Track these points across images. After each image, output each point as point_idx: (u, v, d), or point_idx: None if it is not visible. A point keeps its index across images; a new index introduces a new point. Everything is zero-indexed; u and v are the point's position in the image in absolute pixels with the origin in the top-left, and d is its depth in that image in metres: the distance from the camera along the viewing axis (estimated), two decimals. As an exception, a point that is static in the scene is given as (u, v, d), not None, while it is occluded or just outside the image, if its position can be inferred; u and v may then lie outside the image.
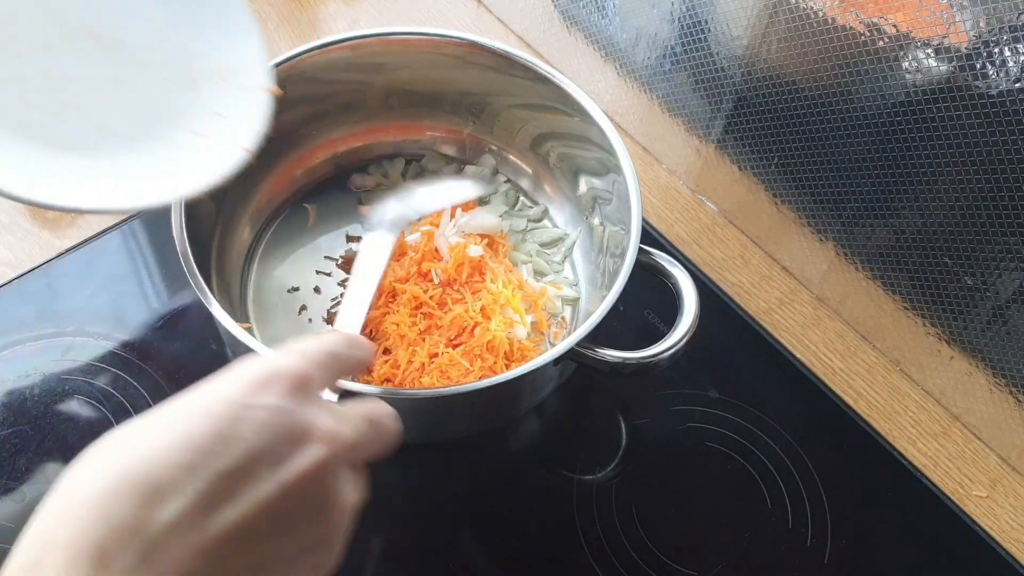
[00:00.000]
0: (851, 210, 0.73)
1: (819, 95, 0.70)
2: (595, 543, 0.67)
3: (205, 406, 0.35)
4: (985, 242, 0.66)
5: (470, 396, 0.59)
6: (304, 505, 0.36)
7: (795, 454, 0.72)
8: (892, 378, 0.77)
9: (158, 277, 0.76)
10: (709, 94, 0.79)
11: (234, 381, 0.37)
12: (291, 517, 0.35)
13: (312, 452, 0.36)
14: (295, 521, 0.35)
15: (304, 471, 0.36)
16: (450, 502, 0.69)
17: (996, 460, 0.74)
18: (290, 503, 0.35)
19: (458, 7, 0.96)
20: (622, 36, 0.83)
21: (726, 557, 0.67)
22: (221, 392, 0.36)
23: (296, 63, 0.71)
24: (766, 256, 0.83)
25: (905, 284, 0.73)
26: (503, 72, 0.75)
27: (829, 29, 0.66)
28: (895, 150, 0.67)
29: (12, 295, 0.74)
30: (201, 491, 0.33)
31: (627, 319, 0.74)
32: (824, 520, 0.69)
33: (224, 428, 0.34)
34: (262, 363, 0.38)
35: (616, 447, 0.72)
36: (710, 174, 0.84)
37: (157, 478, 0.33)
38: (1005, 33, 0.57)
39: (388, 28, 0.74)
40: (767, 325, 0.79)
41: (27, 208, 0.79)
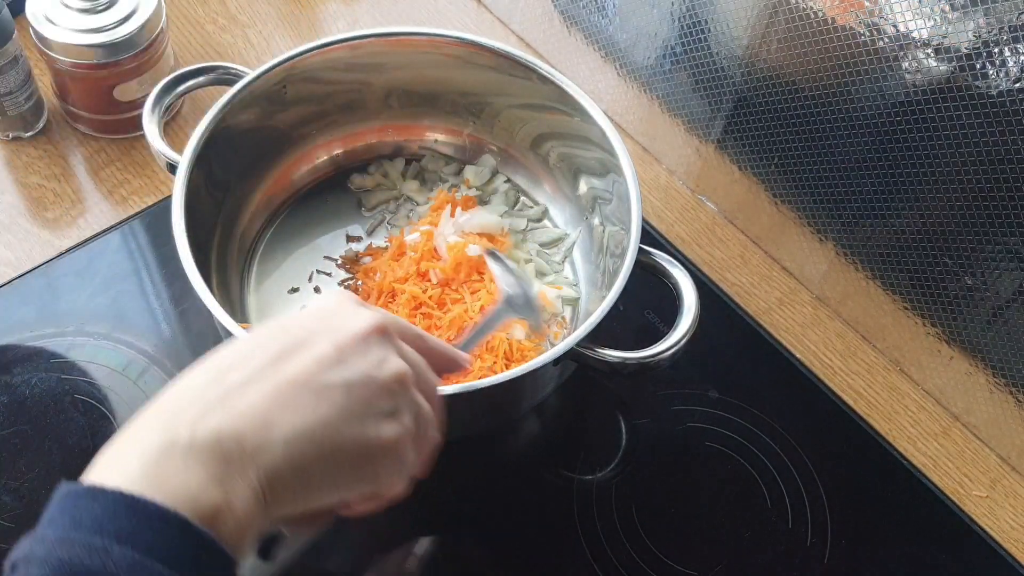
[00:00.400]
0: (851, 210, 0.73)
1: (819, 95, 0.70)
2: (595, 543, 0.67)
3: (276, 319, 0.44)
4: (985, 242, 0.66)
5: (470, 396, 0.59)
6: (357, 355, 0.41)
7: (795, 454, 0.72)
8: (892, 378, 0.78)
9: (158, 277, 0.76)
10: (709, 94, 0.79)
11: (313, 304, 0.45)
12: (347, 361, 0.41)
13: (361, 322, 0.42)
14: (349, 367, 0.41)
15: (353, 331, 0.42)
16: (450, 502, 0.69)
17: (996, 460, 0.74)
18: (343, 353, 0.41)
19: (458, 7, 0.96)
20: (622, 36, 0.83)
21: (726, 557, 0.67)
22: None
23: (296, 63, 0.71)
24: (766, 256, 0.83)
25: (905, 284, 0.73)
26: (503, 72, 0.75)
27: (829, 29, 0.66)
28: (895, 150, 0.67)
29: (12, 295, 0.74)
30: (268, 356, 0.40)
31: (627, 319, 0.74)
32: (824, 520, 0.69)
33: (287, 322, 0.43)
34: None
35: (616, 447, 0.72)
36: (710, 174, 0.84)
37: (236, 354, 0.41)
38: (1005, 33, 0.57)
39: (388, 28, 0.74)
40: (767, 325, 0.79)
41: (27, 208, 0.79)
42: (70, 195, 0.80)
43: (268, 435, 0.38)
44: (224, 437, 0.37)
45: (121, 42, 0.76)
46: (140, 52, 0.78)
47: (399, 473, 0.43)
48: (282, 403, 0.39)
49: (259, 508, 0.38)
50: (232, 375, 0.39)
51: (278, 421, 0.38)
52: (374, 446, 0.41)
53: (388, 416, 0.42)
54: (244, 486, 0.37)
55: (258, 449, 0.38)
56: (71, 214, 0.79)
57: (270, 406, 0.39)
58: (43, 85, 0.84)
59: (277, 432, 0.38)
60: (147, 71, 0.80)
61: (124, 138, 0.83)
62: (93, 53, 0.76)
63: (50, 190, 0.80)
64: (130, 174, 0.82)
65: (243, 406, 0.38)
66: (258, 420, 0.38)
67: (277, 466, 0.38)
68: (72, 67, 0.77)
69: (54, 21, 0.75)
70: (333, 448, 0.40)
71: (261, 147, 0.76)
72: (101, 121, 0.82)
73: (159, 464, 0.36)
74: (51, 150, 0.83)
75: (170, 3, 0.92)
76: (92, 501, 0.35)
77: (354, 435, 0.40)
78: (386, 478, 0.43)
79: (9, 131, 0.82)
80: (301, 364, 0.40)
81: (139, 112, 0.71)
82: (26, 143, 0.83)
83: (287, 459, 0.38)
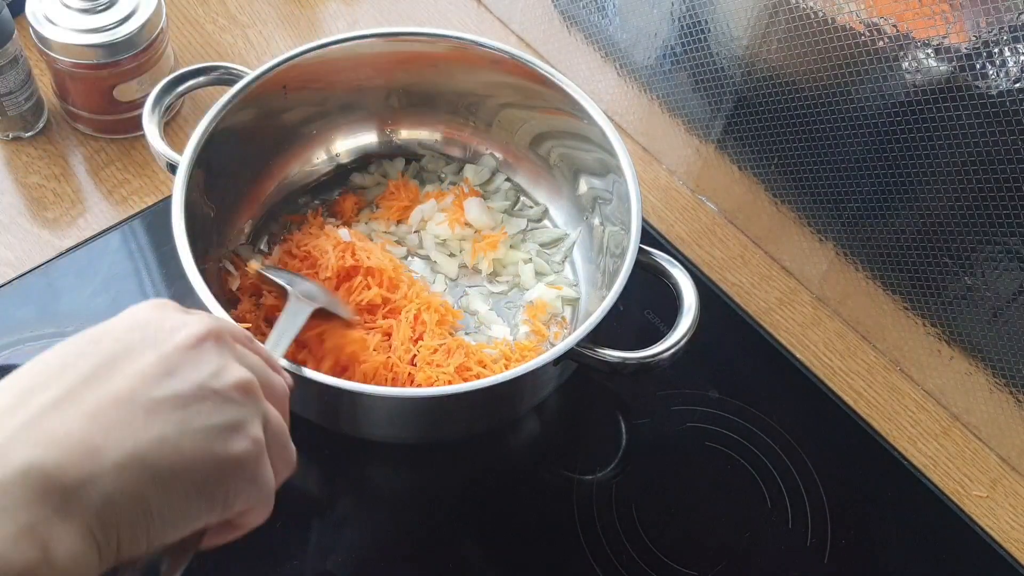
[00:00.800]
0: (851, 210, 0.73)
1: (819, 95, 0.70)
2: (595, 543, 0.67)
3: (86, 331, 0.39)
4: (985, 242, 0.66)
5: (470, 396, 0.59)
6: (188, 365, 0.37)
7: (795, 454, 0.72)
8: (892, 378, 0.78)
9: (158, 277, 0.76)
10: (709, 94, 0.79)
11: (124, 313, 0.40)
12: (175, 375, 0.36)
13: (189, 329, 0.38)
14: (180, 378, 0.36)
15: (181, 340, 0.37)
16: (450, 502, 0.69)
17: (996, 460, 0.74)
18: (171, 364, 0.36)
19: (458, 7, 0.96)
20: (622, 36, 0.83)
21: (726, 557, 0.67)
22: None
23: (296, 63, 0.71)
24: (766, 256, 0.83)
25: (905, 284, 0.73)
26: (503, 72, 0.75)
27: (829, 29, 0.66)
28: (895, 150, 0.67)
29: (12, 295, 0.74)
30: (79, 375, 0.35)
31: (627, 319, 0.74)
32: (824, 520, 0.69)
33: (98, 334, 0.37)
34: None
35: (616, 447, 0.72)
36: (710, 174, 0.84)
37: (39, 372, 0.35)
38: (1005, 33, 0.57)
39: (388, 28, 0.74)
40: (767, 325, 0.79)
41: (27, 208, 0.79)
42: (70, 195, 0.80)
43: (94, 463, 0.32)
44: (35, 473, 0.31)
45: (121, 42, 0.76)
46: (140, 52, 0.78)
47: (255, 494, 0.38)
48: (106, 425, 0.33)
49: (91, 554, 0.32)
50: (38, 397, 0.34)
51: (103, 446, 0.33)
52: (222, 464, 0.36)
53: (233, 429, 0.36)
54: (68, 530, 0.31)
55: (83, 482, 0.32)
56: (71, 214, 0.79)
57: (91, 429, 0.33)
58: (43, 85, 0.84)
59: (104, 459, 0.32)
60: (147, 71, 0.80)
61: (124, 138, 0.83)
62: (93, 53, 0.76)
63: (50, 190, 0.80)
64: (130, 174, 0.82)
65: (58, 432, 0.32)
66: (79, 447, 0.32)
67: (110, 499, 0.32)
68: (72, 67, 0.77)
69: (54, 21, 0.75)
70: (174, 471, 0.34)
71: (261, 147, 0.76)
72: (101, 121, 0.82)
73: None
74: (51, 150, 0.83)
75: (170, 3, 0.92)
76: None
77: (196, 454, 0.35)
78: (241, 500, 0.37)
79: (9, 131, 0.82)
80: (123, 379, 0.35)
81: (139, 112, 0.71)
82: (26, 143, 0.83)
83: (121, 489, 0.32)
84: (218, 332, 0.38)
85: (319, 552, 0.65)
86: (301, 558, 0.65)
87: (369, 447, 0.70)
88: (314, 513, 0.67)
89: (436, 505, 0.69)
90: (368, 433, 0.67)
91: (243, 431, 0.37)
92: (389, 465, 0.71)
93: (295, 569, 0.64)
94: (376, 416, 0.64)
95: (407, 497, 0.70)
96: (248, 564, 0.64)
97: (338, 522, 0.67)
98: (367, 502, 0.69)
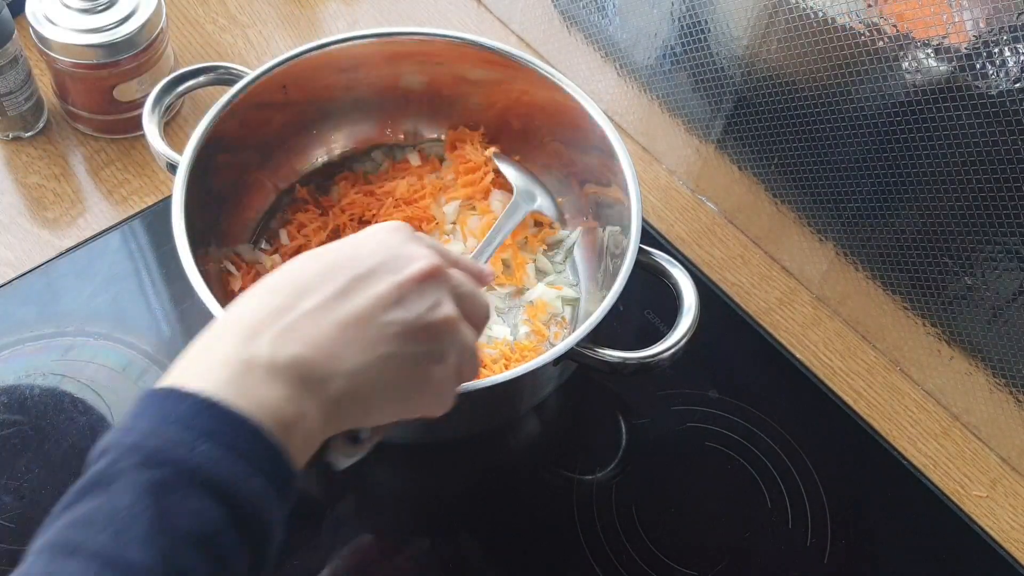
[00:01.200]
0: (851, 210, 0.73)
1: (819, 95, 0.70)
2: (595, 543, 0.67)
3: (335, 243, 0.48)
4: (985, 242, 0.66)
5: (470, 396, 0.59)
6: (414, 297, 0.45)
7: (795, 454, 0.72)
8: (892, 378, 0.78)
9: (158, 277, 0.76)
10: (709, 94, 0.79)
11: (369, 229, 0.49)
12: (405, 303, 0.45)
13: (419, 264, 0.46)
14: (406, 309, 0.45)
15: (411, 274, 0.45)
16: (450, 502, 0.69)
17: (996, 460, 0.74)
18: (402, 293, 0.45)
19: (458, 7, 0.96)
20: (622, 36, 0.83)
21: (726, 557, 0.67)
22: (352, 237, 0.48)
23: (296, 63, 0.71)
24: (766, 256, 0.83)
25: (905, 284, 0.73)
26: (503, 72, 0.75)
27: (829, 29, 0.66)
28: (895, 150, 0.67)
29: (12, 295, 0.74)
30: (337, 287, 0.44)
31: (627, 319, 0.74)
32: (824, 520, 0.69)
33: (351, 251, 0.46)
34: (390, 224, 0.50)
35: (616, 447, 0.72)
36: (710, 174, 0.84)
37: (305, 278, 0.44)
38: (1005, 33, 0.57)
39: (388, 28, 0.74)
40: (767, 325, 0.79)
41: (27, 208, 0.79)
42: (70, 195, 0.80)
43: (335, 367, 0.42)
44: (300, 363, 0.41)
45: (121, 42, 0.76)
46: (140, 52, 0.78)
47: (441, 404, 0.49)
48: (348, 338, 0.43)
49: (323, 426, 0.43)
50: (304, 302, 0.43)
51: (344, 355, 0.43)
52: (423, 385, 0.46)
53: (436, 358, 0.46)
54: (314, 407, 0.42)
55: (326, 378, 0.42)
56: (71, 214, 0.79)
57: (337, 339, 0.43)
58: (43, 85, 0.84)
59: (342, 366, 0.42)
60: (147, 71, 0.80)
61: (124, 138, 0.83)
62: (93, 53, 0.76)
63: (50, 190, 0.80)
64: (130, 174, 0.82)
65: (316, 336, 0.42)
66: (328, 352, 0.42)
67: (341, 394, 0.43)
68: (72, 67, 0.77)
69: (54, 21, 0.75)
70: (387, 383, 0.44)
71: (261, 147, 0.76)
72: (101, 121, 0.82)
73: (243, 377, 0.40)
74: (51, 150, 0.83)
75: (170, 3, 0.92)
76: (179, 401, 0.39)
77: (407, 374, 0.45)
78: (429, 408, 0.48)
79: (9, 131, 0.82)
80: (365, 301, 0.44)
81: (139, 112, 0.71)
82: (26, 143, 0.83)
83: (349, 390, 0.43)
84: (440, 268, 0.47)
85: (319, 552, 0.65)
86: (301, 558, 0.65)
87: (369, 447, 0.70)
88: (314, 513, 0.67)
89: (436, 505, 0.69)
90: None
91: (443, 360, 0.46)
92: (389, 465, 0.71)
93: (295, 569, 0.64)
94: (376, 416, 0.64)
95: (407, 497, 0.70)
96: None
97: (338, 522, 0.67)
98: (367, 502, 0.69)
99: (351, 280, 0.45)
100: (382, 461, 0.71)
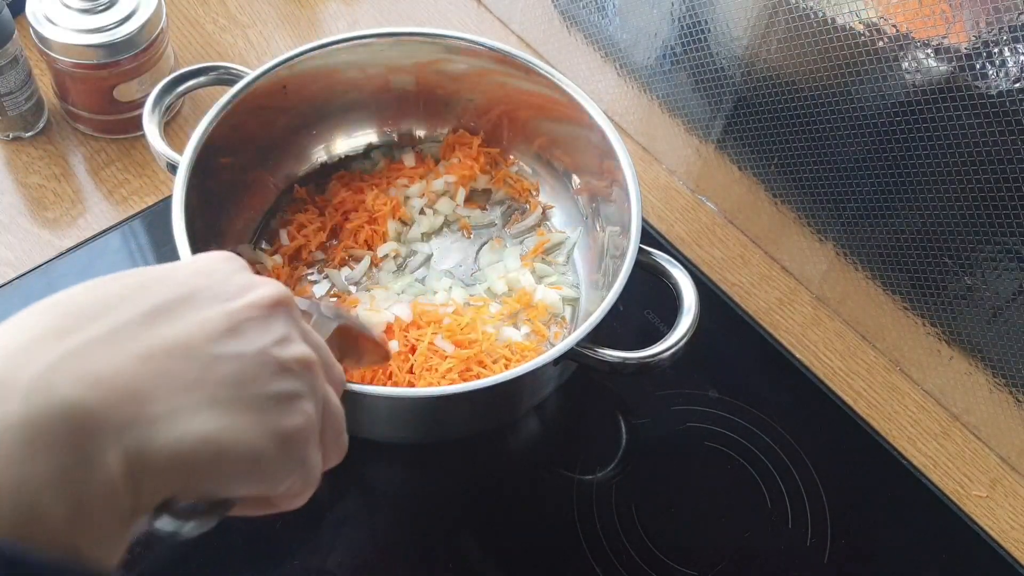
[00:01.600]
0: (851, 210, 0.73)
1: (819, 95, 0.70)
2: (595, 543, 0.67)
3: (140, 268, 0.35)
4: (985, 242, 0.66)
5: (470, 396, 0.59)
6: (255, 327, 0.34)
7: (795, 454, 0.72)
8: (892, 378, 0.78)
9: (158, 277, 0.76)
10: (709, 94, 0.79)
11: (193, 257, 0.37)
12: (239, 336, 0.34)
13: (261, 290, 0.36)
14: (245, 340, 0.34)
15: (252, 300, 0.35)
16: (450, 502, 0.69)
17: (996, 460, 0.74)
18: (236, 322, 0.34)
19: (458, 7, 0.96)
20: (622, 36, 0.83)
21: (726, 557, 0.67)
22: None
23: (296, 63, 0.71)
24: (766, 256, 0.83)
25: (905, 284, 0.73)
26: (503, 72, 0.75)
27: (829, 29, 0.66)
28: (895, 150, 0.67)
29: (12, 295, 0.74)
30: (140, 310, 0.32)
31: (627, 319, 0.74)
32: (824, 520, 0.69)
33: (160, 272, 0.35)
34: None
35: (616, 447, 0.72)
36: (710, 174, 0.84)
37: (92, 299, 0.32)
38: (1005, 33, 0.57)
39: (388, 28, 0.74)
40: (767, 325, 0.79)
41: (27, 208, 0.79)
42: (70, 195, 0.80)
43: (139, 410, 0.30)
44: (79, 412, 0.28)
45: (121, 42, 0.76)
46: (140, 52, 0.78)
47: (301, 475, 0.36)
48: (157, 372, 0.31)
49: (125, 503, 0.29)
50: (90, 327, 0.31)
51: (152, 395, 0.30)
52: (272, 437, 0.33)
53: (289, 403, 0.34)
54: (104, 480, 0.29)
55: (125, 426, 0.29)
56: (71, 214, 0.79)
57: (142, 374, 0.30)
58: (43, 85, 0.84)
59: (150, 409, 0.30)
60: (147, 71, 0.80)
61: (124, 138, 0.83)
62: (93, 53, 0.76)
63: (50, 190, 0.80)
64: (130, 174, 0.82)
65: (106, 371, 0.30)
66: (126, 391, 0.30)
67: (151, 451, 0.30)
68: (72, 67, 0.77)
69: (54, 21, 0.75)
70: (222, 436, 0.32)
71: (261, 147, 0.76)
72: (101, 121, 0.82)
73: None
74: (51, 150, 0.83)
75: (170, 3, 0.92)
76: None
77: (248, 423, 0.33)
78: (282, 479, 0.35)
79: (9, 131, 0.82)
80: (182, 327, 0.32)
81: (139, 112, 0.71)
82: (26, 143, 0.83)
83: (164, 445, 0.30)
84: (288, 301, 0.36)
85: (319, 552, 0.65)
86: (301, 558, 0.65)
87: (369, 447, 0.70)
88: (314, 513, 0.67)
89: (436, 505, 0.69)
90: (368, 433, 0.67)
91: (298, 406, 0.35)
92: (389, 465, 0.71)
93: (295, 569, 0.64)
94: (376, 416, 0.64)
95: (407, 497, 0.70)
96: (248, 564, 0.64)
97: (338, 522, 0.67)
98: (367, 502, 0.69)
99: (160, 304, 0.33)
100: (382, 461, 0.71)
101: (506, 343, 0.71)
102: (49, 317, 0.31)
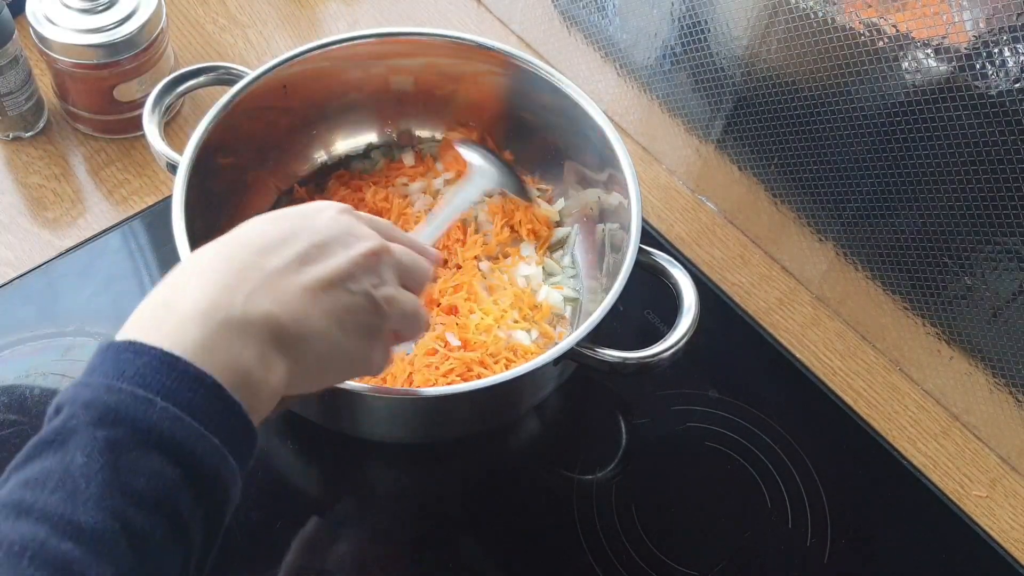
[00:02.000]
0: (851, 210, 0.73)
1: (819, 95, 0.70)
2: (595, 543, 0.67)
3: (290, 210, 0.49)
4: (985, 242, 0.66)
5: (470, 396, 0.59)
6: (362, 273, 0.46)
7: (795, 454, 0.72)
8: (892, 378, 0.78)
9: (158, 277, 0.76)
10: (709, 94, 0.79)
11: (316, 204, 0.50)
12: (356, 278, 0.46)
13: (367, 243, 0.48)
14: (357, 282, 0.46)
15: (362, 250, 0.47)
16: (450, 502, 0.69)
17: (996, 460, 0.74)
18: (354, 268, 0.46)
19: (458, 7, 0.96)
20: (622, 36, 0.83)
21: (726, 557, 0.67)
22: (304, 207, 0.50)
23: (296, 63, 0.71)
24: (766, 256, 0.83)
25: (905, 284, 0.73)
26: (503, 72, 0.75)
27: (829, 29, 0.66)
28: (895, 150, 0.67)
29: (12, 295, 0.74)
30: (298, 252, 0.45)
31: (627, 319, 0.74)
32: (824, 520, 0.69)
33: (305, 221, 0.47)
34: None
35: (616, 447, 0.72)
36: (710, 174, 0.84)
37: (267, 240, 0.45)
38: (1005, 33, 0.57)
39: (388, 28, 0.74)
40: (767, 325, 0.79)
41: (27, 208, 0.79)
42: (70, 195, 0.80)
43: (302, 329, 0.43)
44: (272, 322, 0.42)
45: (121, 42, 0.76)
46: (140, 52, 0.78)
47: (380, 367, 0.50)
48: (312, 299, 0.44)
49: (285, 388, 0.43)
50: (267, 262, 0.43)
51: (309, 318, 0.43)
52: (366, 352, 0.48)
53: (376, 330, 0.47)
54: (281, 368, 0.42)
55: (295, 339, 0.43)
56: (71, 214, 0.79)
57: (304, 299, 0.43)
58: (43, 85, 0.84)
59: (309, 328, 0.43)
60: (147, 71, 0.80)
61: (124, 138, 0.83)
62: (93, 53, 0.76)
63: (50, 190, 0.80)
64: (130, 174, 0.82)
65: (286, 296, 0.43)
66: (296, 313, 0.43)
67: (305, 356, 0.43)
68: (72, 67, 0.77)
69: (54, 21, 0.75)
70: (341, 349, 0.45)
71: (261, 147, 0.76)
72: (101, 121, 0.82)
73: (214, 334, 0.40)
74: (51, 150, 0.83)
75: (170, 3, 0.92)
76: (137, 356, 0.38)
77: (354, 342, 0.46)
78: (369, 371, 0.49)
79: (9, 131, 0.82)
80: (325, 270, 0.45)
81: (139, 112, 0.71)
82: (26, 143, 0.83)
83: (312, 353, 0.44)
84: (384, 249, 0.48)
85: (319, 552, 0.65)
86: (301, 558, 0.65)
87: (369, 447, 0.70)
88: (314, 513, 0.67)
89: (436, 505, 0.69)
90: (368, 433, 0.67)
91: (381, 330, 0.48)
92: (389, 465, 0.71)
93: (295, 569, 0.64)
94: (376, 416, 0.64)
95: (407, 497, 0.70)
96: (248, 564, 0.64)
97: (338, 522, 0.67)
98: (367, 502, 0.69)
99: (310, 247, 0.45)
100: (382, 461, 0.71)
101: (511, 346, 0.71)
102: (246, 252, 0.44)
